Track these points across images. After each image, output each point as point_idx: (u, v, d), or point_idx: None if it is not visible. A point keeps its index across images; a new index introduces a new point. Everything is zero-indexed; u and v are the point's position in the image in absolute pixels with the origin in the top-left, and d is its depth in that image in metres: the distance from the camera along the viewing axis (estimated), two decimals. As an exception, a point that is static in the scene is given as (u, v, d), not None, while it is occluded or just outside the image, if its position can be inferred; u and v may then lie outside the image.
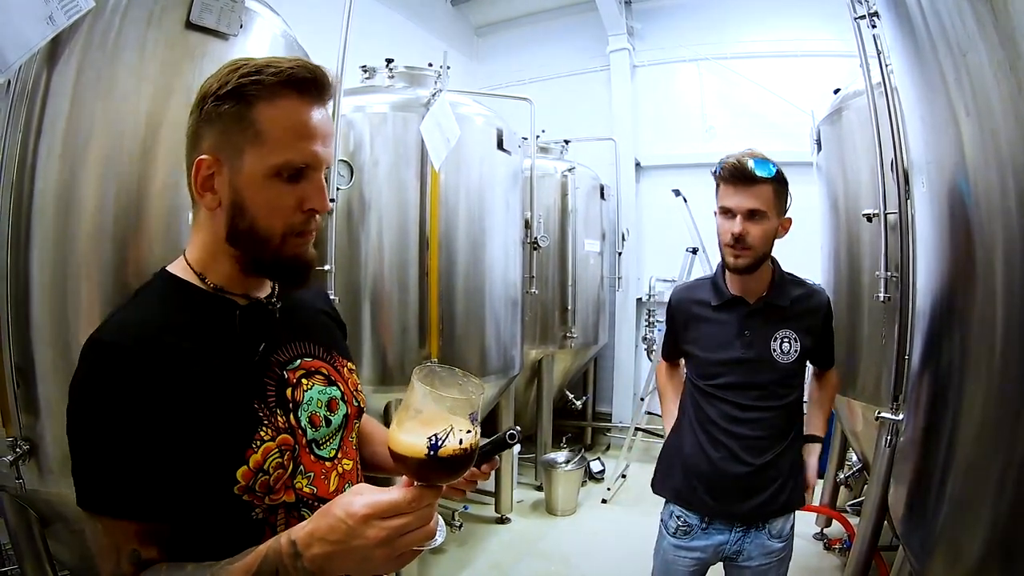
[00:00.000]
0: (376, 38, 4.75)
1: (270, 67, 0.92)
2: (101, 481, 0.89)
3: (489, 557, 3.97)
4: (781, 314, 1.94)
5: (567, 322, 5.25)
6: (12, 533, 1.83)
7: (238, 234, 0.97)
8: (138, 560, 0.89)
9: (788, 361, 1.92)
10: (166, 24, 1.82)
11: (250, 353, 1.00)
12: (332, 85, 0.99)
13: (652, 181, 6.40)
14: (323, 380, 1.10)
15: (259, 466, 0.95)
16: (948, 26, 1.17)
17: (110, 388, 0.88)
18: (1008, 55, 1.01)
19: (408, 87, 3.35)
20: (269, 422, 0.97)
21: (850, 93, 3.03)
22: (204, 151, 0.95)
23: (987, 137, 1.10)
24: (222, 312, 1.01)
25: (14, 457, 1.64)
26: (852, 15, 2.31)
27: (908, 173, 2.16)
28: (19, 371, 1.66)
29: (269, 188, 0.94)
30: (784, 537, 1.99)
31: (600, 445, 6.39)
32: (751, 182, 1.80)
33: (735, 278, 1.95)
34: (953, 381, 1.25)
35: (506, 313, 3.74)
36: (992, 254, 1.10)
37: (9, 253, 1.65)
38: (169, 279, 1.02)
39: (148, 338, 0.91)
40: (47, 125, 1.67)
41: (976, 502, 1.09)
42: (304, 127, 0.95)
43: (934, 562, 1.19)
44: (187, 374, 0.91)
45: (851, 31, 2.35)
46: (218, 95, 0.93)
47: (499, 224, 3.66)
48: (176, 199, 1.82)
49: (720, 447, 1.94)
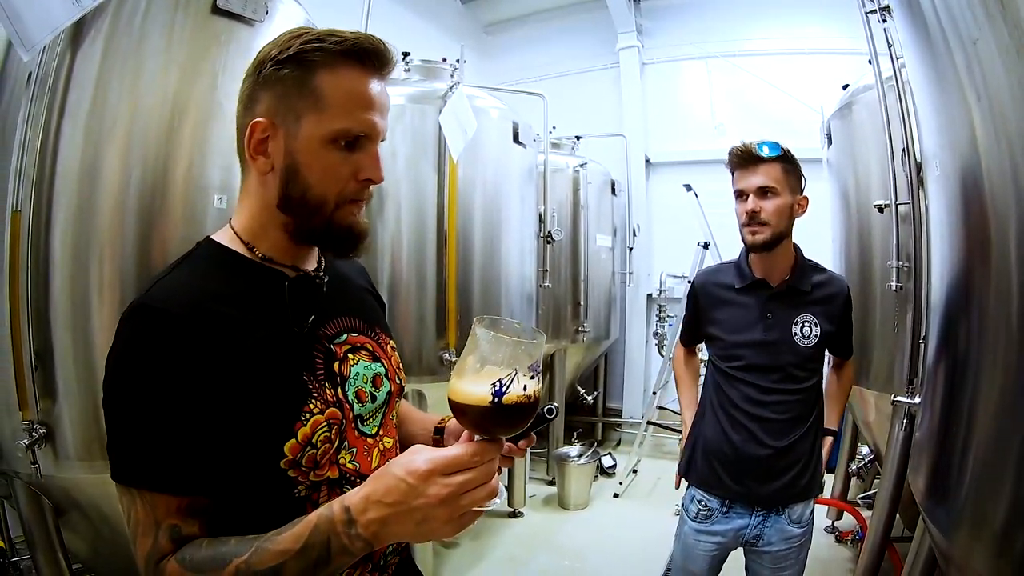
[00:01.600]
0: (387, 34, 4.76)
1: (332, 36, 0.92)
2: (143, 454, 0.86)
3: (504, 550, 4.00)
4: (803, 298, 1.98)
5: (579, 316, 5.28)
6: (25, 523, 1.80)
7: (291, 200, 0.96)
8: (179, 536, 0.86)
9: (808, 345, 1.95)
10: (193, 8, 1.82)
11: (299, 325, 0.99)
12: (392, 60, 0.98)
13: (662, 177, 6.44)
14: (368, 356, 1.09)
15: (307, 439, 0.93)
16: (958, 15, 1.21)
17: (156, 356, 0.85)
18: (1015, 41, 1.04)
19: (424, 80, 3.38)
20: (318, 395, 0.96)
21: (859, 88, 3.05)
22: (259, 114, 0.94)
23: (997, 120, 1.13)
24: (271, 283, 0.99)
25: (30, 441, 1.62)
26: (863, 10, 2.34)
27: (920, 163, 2.19)
28: (37, 355, 1.64)
29: (325, 155, 0.94)
30: (804, 523, 2.01)
31: (611, 440, 6.43)
32: (758, 162, 1.91)
33: (758, 261, 2.01)
34: (971, 360, 1.29)
35: (521, 306, 3.77)
36: (1006, 233, 1.14)
37: (31, 237, 1.63)
38: (216, 248, 1.00)
39: (197, 304, 0.89)
40: (71, 106, 1.66)
41: (998, 472, 1.12)
42: (364, 97, 0.94)
43: (959, 533, 1.22)
44: (236, 343, 0.89)
45: (859, 27, 2.38)
46: (278, 59, 0.92)
47: (515, 217, 3.68)
48: (201, 181, 1.82)
49: (741, 429, 1.98)
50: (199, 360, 0.86)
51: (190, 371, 0.86)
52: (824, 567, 3.67)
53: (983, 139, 1.18)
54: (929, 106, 1.52)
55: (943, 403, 1.42)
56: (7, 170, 1.63)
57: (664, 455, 5.91)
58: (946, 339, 1.47)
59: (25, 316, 1.62)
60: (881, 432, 2.80)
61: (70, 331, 1.67)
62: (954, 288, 1.40)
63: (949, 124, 1.34)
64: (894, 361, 2.62)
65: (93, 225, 1.68)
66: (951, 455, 1.31)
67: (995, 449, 1.14)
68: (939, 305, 1.54)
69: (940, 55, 1.33)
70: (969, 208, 1.27)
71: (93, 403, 1.67)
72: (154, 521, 0.86)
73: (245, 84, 0.98)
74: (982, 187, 1.18)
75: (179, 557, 0.85)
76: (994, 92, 1.14)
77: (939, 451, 1.40)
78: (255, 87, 0.95)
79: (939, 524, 1.30)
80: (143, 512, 0.86)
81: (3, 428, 1.72)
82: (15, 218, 1.62)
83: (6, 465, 1.74)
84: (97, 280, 1.68)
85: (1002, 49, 1.09)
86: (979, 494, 1.17)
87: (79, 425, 1.68)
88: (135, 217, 1.72)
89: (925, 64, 1.47)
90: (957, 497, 1.24)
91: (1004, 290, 1.13)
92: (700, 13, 6.24)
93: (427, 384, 3.01)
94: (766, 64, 5.86)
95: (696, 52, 6.16)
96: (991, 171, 1.15)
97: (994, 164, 1.14)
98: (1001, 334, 1.15)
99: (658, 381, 5.31)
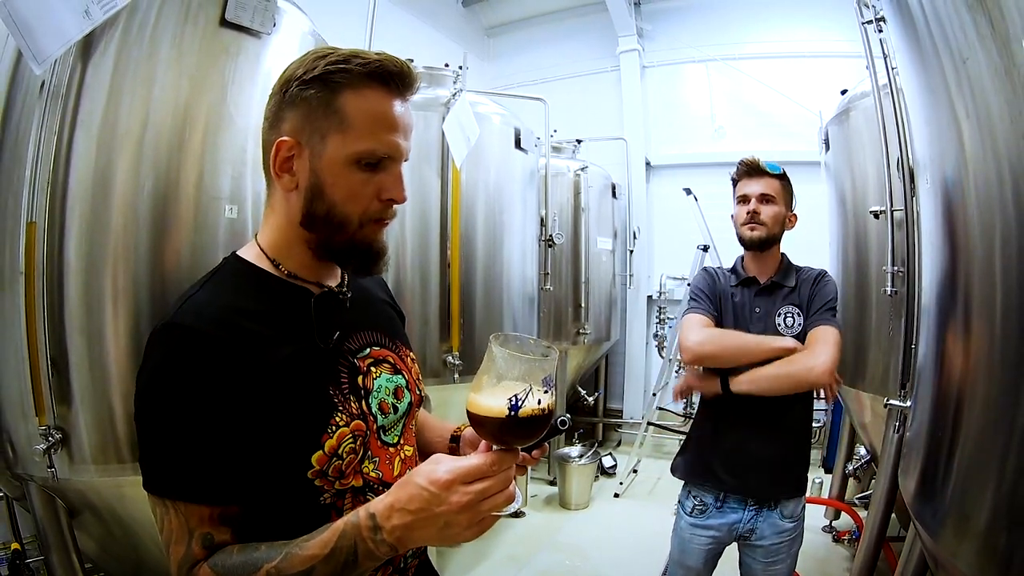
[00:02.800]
0: (388, 38, 4.79)
1: (357, 57, 0.94)
2: (176, 466, 0.89)
3: (506, 549, 4.03)
4: (786, 292, 2.17)
5: (580, 318, 5.31)
6: (40, 523, 1.82)
7: (314, 218, 0.98)
8: (211, 543, 0.89)
9: (792, 335, 2.09)
10: (201, 21, 1.82)
11: (324, 341, 1.02)
12: (416, 81, 1.00)
13: (662, 180, 6.46)
14: (390, 369, 1.13)
15: (333, 451, 0.96)
16: (950, 34, 1.25)
17: (188, 373, 0.88)
18: (1004, 62, 1.09)
19: (427, 87, 3.40)
20: (343, 408, 0.99)
21: (857, 94, 3.08)
22: (285, 132, 0.96)
23: (986, 137, 1.17)
24: (297, 300, 1.02)
25: (47, 446, 1.64)
26: (859, 20, 2.38)
27: (913, 172, 2.24)
28: (52, 361, 1.65)
29: (349, 175, 0.96)
30: (795, 518, 2.12)
31: (611, 441, 6.46)
32: (763, 173, 2.18)
33: (750, 261, 2.24)
34: (957, 365, 1.33)
35: (523, 309, 3.80)
36: (991, 246, 1.18)
37: (45, 244, 1.64)
38: (243, 265, 1.03)
39: (226, 322, 0.92)
40: (83, 117, 1.67)
41: (981, 474, 1.16)
42: (388, 119, 0.97)
43: (945, 532, 1.26)
44: (265, 360, 0.92)
45: (857, 33, 2.43)
46: (303, 80, 0.94)
47: (516, 222, 3.71)
48: (211, 190, 1.83)
49: (732, 421, 2.11)
50: (230, 376, 0.89)
51: (221, 387, 0.89)
52: (821, 566, 3.71)
53: (972, 155, 1.22)
54: (921, 118, 1.55)
55: (930, 407, 1.47)
56: (22, 180, 1.64)
57: (664, 455, 5.94)
58: (934, 344, 1.51)
59: (41, 324, 1.64)
60: (877, 434, 2.84)
61: (85, 338, 1.68)
62: (941, 296, 1.44)
63: (939, 138, 1.39)
64: (889, 364, 2.66)
65: (106, 234, 1.69)
66: (937, 458, 1.35)
67: (978, 452, 1.19)
68: (928, 311, 1.59)
69: (932, 70, 1.37)
70: (956, 220, 1.31)
71: (107, 408, 1.70)
72: (187, 530, 0.89)
73: (271, 102, 1.00)
74: (968, 201, 1.22)
75: (211, 563, 0.88)
76: (983, 110, 1.18)
77: (926, 453, 1.44)
78: (281, 106, 0.98)
79: (926, 525, 1.34)
80: (176, 521, 0.89)
81: (19, 433, 1.74)
82: (30, 228, 1.64)
83: (21, 469, 1.76)
84: (111, 288, 1.70)
85: (992, 68, 1.13)
86: (964, 496, 1.21)
87: (94, 429, 1.71)
88: (147, 226, 1.73)
89: (918, 77, 1.51)
90: (943, 498, 1.28)
91: (988, 301, 1.17)
92: (700, 16, 6.26)
93: (431, 387, 3.02)
94: (766, 67, 5.88)
95: (696, 55, 6.19)
96: (978, 186, 1.19)
97: (981, 179, 1.19)
98: (984, 341, 1.20)
99: (658, 382, 5.35)
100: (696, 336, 2.10)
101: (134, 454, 1.72)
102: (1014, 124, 1.08)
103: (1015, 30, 1.06)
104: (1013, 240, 1.10)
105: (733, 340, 2.08)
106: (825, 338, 2.00)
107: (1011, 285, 1.12)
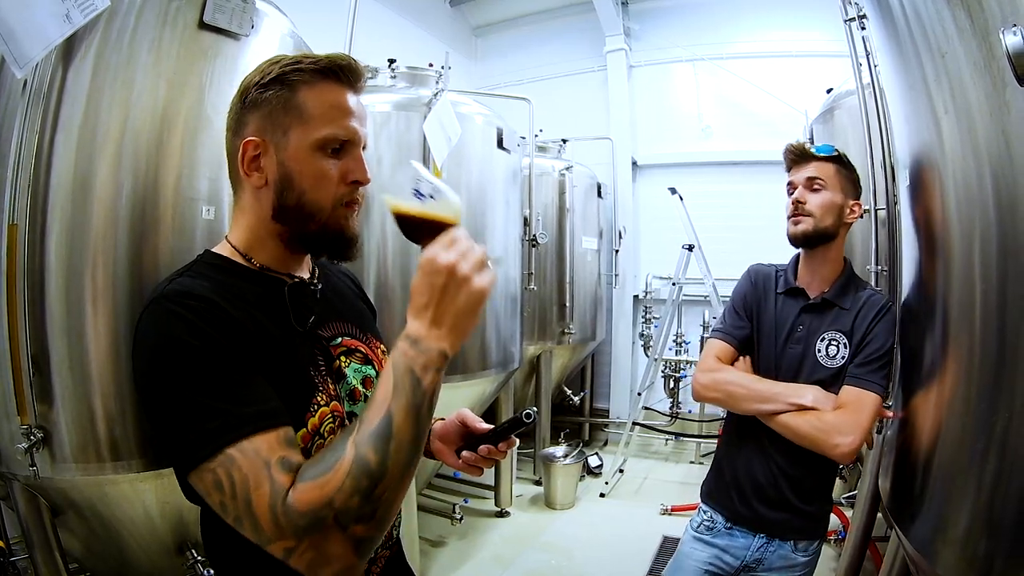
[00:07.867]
0: (375, 37, 4.80)
1: (308, 58, 1.02)
2: (225, 407, 0.87)
3: (491, 549, 4.01)
4: (836, 314, 1.82)
5: (565, 318, 5.29)
6: (23, 522, 1.83)
7: (286, 209, 1.03)
8: (290, 465, 0.86)
9: (832, 366, 1.78)
10: (180, 24, 1.85)
11: (301, 324, 1.06)
12: (363, 74, 1.07)
13: (649, 180, 6.46)
14: (360, 359, 1.16)
15: (316, 429, 1.00)
16: (928, 28, 1.24)
17: (197, 321, 0.89)
18: (983, 56, 1.07)
19: (410, 87, 3.39)
20: (323, 389, 1.03)
21: (842, 92, 3.08)
22: (248, 135, 1.02)
23: (965, 133, 1.16)
24: (271, 288, 1.06)
25: (28, 444, 1.66)
26: (843, 17, 2.37)
27: (895, 170, 2.23)
28: (34, 361, 1.67)
29: (315, 161, 1.01)
30: (810, 552, 1.88)
31: (597, 440, 6.45)
32: (809, 158, 1.84)
33: (804, 265, 1.91)
34: (935, 367, 1.31)
35: (506, 309, 3.79)
36: (970, 245, 1.16)
37: (27, 247, 1.66)
38: (217, 258, 1.06)
39: (219, 294, 0.95)
40: (63, 120, 1.69)
41: (959, 478, 1.15)
42: (343, 106, 1.03)
43: (925, 537, 1.25)
44: (257, 335, 0.95)
45: (842, 31, 2.42)
46: (261, 84, 1.01)
47: (499, 221, 3.70)
48: (189, 192, 1.87)
49: (754, 447, 1.88)
50: (234, 335, 0.92)
51: (228, 337, 0.91)
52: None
53: (951, 152, 1.20)
54: (901, 115, 1.54)
55: (905, 410, 1.45)
56: (3, 182, 1.66)
57: (650, 455, 5.94)
58: (912, 347, 1.49)
59: (22, 324, 1.66)
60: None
61: (65, 338, 1.71)
62: (921, 298, 1.42)
63: (918, 135, 1.37)
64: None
65: (86, 235, 1.72)
66: (914, 460, 1.33)
67: (956, 456, 1.17)
68: (907, 313, 1.57)
69: (911, 66, 1.36)
70: (934, 219, 1.29)
71: (88, 407, 1.72)
72: (263, 463, 0.85)
73: (232, 112, 1.05)
74: (948, 199, 1.21)
75: (301, 479, 0.86)
76: (962, 105, 1.16)
77: (900, 455, 1.43)
78: (241, 112, 1.03)
79: (903, 525, 1.33)
80: (247, 463, 0.85)
81: (1, 432, 1.76)
82: (11, 230, 1.65)
83: (5, 468, 1.78)
84: (91, 288, 1.72)
85: (971, 62, 1.11)
86: (939, 498, 1.20)
87: (75, 428, 1.73)
88: (127, 227, 1.76)
89: (898, 74, 1.49)
90: (920, 500, 1.27)
91: (967, 302, 1.15)
92: (687, 16, 6.27)
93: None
94: (752, 66, 5.90)
95: (683, 55, 6.19)
96: (957, 183, 1.18)
97: (960, 176, 1.17)
98: (963, 342, 1.18)
99: (644, 382, 5.33)
100: (704, 378, 1.90)
101: (114, 453, 1.76)
102: (993, 118, 1.07)
103: (994, 22, 1.04)
104: (993, 239, 1.09)
105: (743, 390, 1.83)
106: (861, 407, 1.67)
107: (990, 284, 1.11)
